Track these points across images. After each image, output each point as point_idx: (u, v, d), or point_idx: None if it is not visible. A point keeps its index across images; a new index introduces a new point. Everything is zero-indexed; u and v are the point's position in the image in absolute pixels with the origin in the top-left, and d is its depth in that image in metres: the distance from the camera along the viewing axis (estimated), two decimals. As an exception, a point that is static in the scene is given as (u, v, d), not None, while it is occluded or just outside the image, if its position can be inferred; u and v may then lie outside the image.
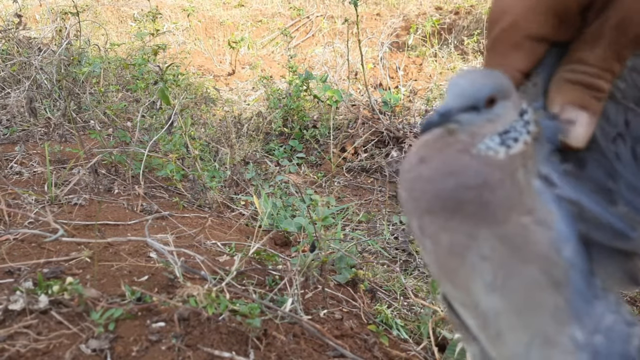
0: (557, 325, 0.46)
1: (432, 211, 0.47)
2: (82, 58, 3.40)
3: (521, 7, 0.47)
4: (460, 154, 0.46)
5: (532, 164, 0.47)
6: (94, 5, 6.07)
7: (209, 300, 1.16)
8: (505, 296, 0.47)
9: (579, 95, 0.47)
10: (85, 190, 1.91)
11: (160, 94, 2.13)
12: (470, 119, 0.46)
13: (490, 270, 0.47)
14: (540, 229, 0.46)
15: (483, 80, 0.46)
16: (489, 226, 0.46)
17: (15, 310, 1.08)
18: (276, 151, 3.17)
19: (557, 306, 0.46)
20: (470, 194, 0.46)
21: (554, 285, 0.46)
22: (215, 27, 6.21)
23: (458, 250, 0.47)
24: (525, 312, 0.47)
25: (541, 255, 0.45)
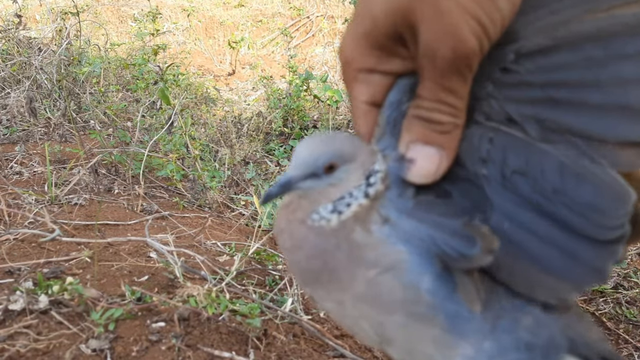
0: (444, 352, 0.47)
1: (305, 284, 0.51)
2: (82, 58, 3.40)
3: (349, 44, 0.48)
4: (300, 225, 0.49)
5: (376, 213, 0.48)
6: (94, 5, 6.07)
7: (209, 300, 1.16)
8: (391, 345, 0.49)
9: (421, 130, 0.46)
10: (85, 190, 1.91)
11: (160, 94, 2.13)
12: (311, 185, 0.48)
13: (369, 327, 0.49)
14: (388, 276, 0.47)
15: (321, 148, 0.48)
16: (346, 290, 0.48)
17: (15, 310, 1.08)
18: (276, 151, 3.17)
19: (434, 337, 0.47)
20: (317, 263, 0.48)
21: (423, 320, 0.47)
22: (215, 27, 6.21)
23: (341, 315, 0.50)
24: (413, 353, 0.49)
25: (398, 300, 0.47)
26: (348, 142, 0.49)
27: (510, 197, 0.45)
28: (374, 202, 0.48)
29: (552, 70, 0.44)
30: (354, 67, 0.49)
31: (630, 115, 0.42)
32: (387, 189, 0.49)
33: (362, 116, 0.51)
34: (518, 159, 0.45)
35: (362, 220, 0.48)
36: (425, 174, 0.47)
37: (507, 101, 0.46)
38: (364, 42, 0.48)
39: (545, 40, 0.44)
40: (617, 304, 1.83)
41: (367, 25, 0.47)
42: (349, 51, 0.49)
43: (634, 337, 1.68)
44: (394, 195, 0.49)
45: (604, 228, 0.43)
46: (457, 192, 0.48)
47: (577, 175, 0.43)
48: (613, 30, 0.43)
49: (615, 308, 1.81)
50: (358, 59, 0.49)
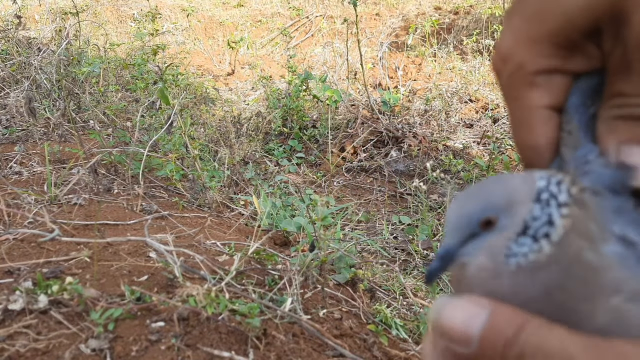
0: None
1: None
2: (82, 58, 3.40)
3: (522, 48, 0.45)
4: (496, 279, 0.41)
5: (598, 229, 0.41)
6: (93, 5, 6.07)
7: (209, 300, 1.16)
8: None
9: (633, 130, 0.42)
10: (85, 190, 1.91)
11: (160, 94, 2.13)
12: (476, 247, 0.42)
13: None
14: (635, 306, 0.40)
15: (470, 207, 0.43)
16: (583, 327, 0.40)
17: (15, 310, 1.08)
18: (276, 151, 3.17)
19: None
20: (540, 304, 0.40)
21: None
22: (215, 28, 6.21)
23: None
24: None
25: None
26: (498, 188, 0.44)
27: None
28: (587, 214, 0.42)
29: None
30: (530, 70, 0.45)
31: None
32: (599, 197, 0.42)
33: (543, 124, 0.47)
34: None
35: (585, 236, 0.41)
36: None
37: None
38: (548, 41, 0.44)
39: None
40: (616, 303, 1.83)
41: (557, 23, 0.43)
42: (522, 54, 0.45)
43: (633, 337, 1.68)
44: (616, 207, 0.42)
45: None
46: None
47: None
48: None
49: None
50: (536, 61, 0.45)
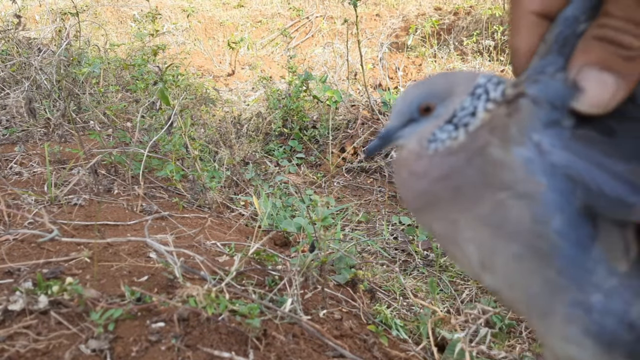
0: (551, 296, 0.46)
1: (418, 209, 0.51)
2: (82, 58, 3.40)
3: None
4: (418, 159, 0.49)
5: (519, 132, 0.45)
6: (93, 5, 6.07)
7: (209, 300, 1.16)
8: (497, 273, 0.47)
9: (602, 53, 0.41)
10: (85, 191, 1.91)
11: (159, 94, 2.13)
12: (411, 131, 0.50)
13: (476, 252, 0.48)
14: (520, 203, 0.45)
15: (414, 92, 0.50)
16: (466, 209, 0.47)
17: (15, 310, 1.08)
18: (276, 151, 3.17)
19: (546, 277, 0.45)
20: (440, 185, 0.48)
21: (540, 259, 0.45)
22: (215, 28, 6.21)
23: (449, 237, 0.49)
24: (517, 288, 0.47)
25: (522, 230, 0.45)
26: (441, 79, 0.50)
27: None
28: (512, 116, 0.45)
29: None
30: None
31: None
32: (536, 106, 0.45)
33: (527, 28, 0.46)
34: None
35: (500, 134, 0.45)
36: (597, 103, 0.42)
37: None
38: None
39: None
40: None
41: None
42: None
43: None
44: (548, 119, 0.45)
45: None
46: (624, 132, 0.43)
47: None
48: None
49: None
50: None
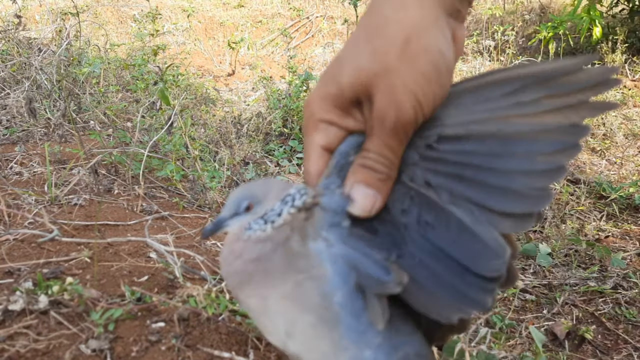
0: (337, 353, 0.60)
1: (236, 286, 0.63)
2: (82, 58, 3.40)
3: (315, 99, 0.62)
4: (237, 242, 0.63)
5: (313, 231, 0.61)
6: (94, 5, 6.07)
7: (209, 300, 1.16)
8: (298, 339, 0.61)
9: (364, 176, 0.60)
10: (85, 191, 1.91)
11: (160, 94, 2.13)
12: (235, 221, 0.65)
13: (282, 322, 0.61)
14: (313, 283, 0.60)
15: (241, 194, 0.65)
16: (274, 287, 0.60)
17: (15, 310, 1.08)
18: (276, 152, 3.17)
19: (333, 340, 0.60)
20: (252, 266, 0.61)
21: (329, 325, 0.59)
22: (215, 28, 6.21)
23: (261, 310, 0.62)
24: (313, 350, 0.61)
25: (314, 304, 0.59)
26: (261, 186, 0.66)
27: (421, 241, 0.59)
28: (309, 219, 0.61)
29: (463, 153, 0.58)
30: (317, 117, 0.63)
31: (512, 195, 0.56)
32: (324, 212, 0.62)
33: (316, 158, 0.65)
34: (429, 214, 0.59)
35: (299, 232, 0.61)
36: (364, 209, 0.60)
37: (428, 171, 0.60)
38: (330, 100, 0.61)
39: (461, 130, 0.59)
40: (616, 304, 1.83)
41: (334, 89, 0.60)
42: (314, 105, 0.62)
43: (634, 337, 1.68)
44: (332, 221, 0.61)
45: (486, 272, 0.55)
46: (383, 231, 0.61)
47: (471, 233, 0.56)
48: (508, 133, 0.57)
49: (614, 308, 1.81)
50: (321, 112, 0.62)
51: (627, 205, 2.61)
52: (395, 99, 0.56)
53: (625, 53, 4.91)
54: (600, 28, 4.90)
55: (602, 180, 2.80)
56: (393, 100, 0.56)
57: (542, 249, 2.11)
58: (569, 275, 1.97)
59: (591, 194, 2.68)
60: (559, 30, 5.00)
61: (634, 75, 4.77)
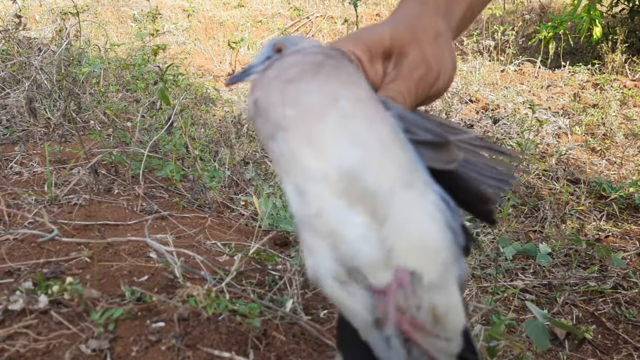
0: (411, 173, 0.57)
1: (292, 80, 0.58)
2: (82, 58, 3.40)
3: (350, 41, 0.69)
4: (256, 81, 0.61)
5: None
6: (94, 5, 6.07)
7: (209, 300, 1.16)
8: (367, 149, 0.55)
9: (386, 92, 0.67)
10: (85, 191, 1.91)
11: (160, 94, 2.13)
12: (261, 66, 0.63)
13: (351, 127, 0.55)
14: (381, 105, 0.60)
15: (272, 41, 0.65)
16: (349, 86, 0.57)
17: (15, 310, 1.08)
18: (276, 151, 3.17)
19: (406, 160, 0.57)
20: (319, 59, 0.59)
21: (401, 145, 0.58)
22: (215, 28, 6.21)
23: (322, 111, 0.55)
24: (385, 163, 0.56)
25: (389, 122, 0.58)
26: (294, 37, 0.66)
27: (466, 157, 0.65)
28: None
29: None
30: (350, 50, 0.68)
31: None
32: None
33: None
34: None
35: None
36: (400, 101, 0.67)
37: None
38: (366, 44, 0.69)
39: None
40: (616, 304, 1.83)
41: (374, 36, 0.69)
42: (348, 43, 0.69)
43: (633, 337, 1.68)
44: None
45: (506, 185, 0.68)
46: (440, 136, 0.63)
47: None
48: None
49: (614, 308, 1.81)
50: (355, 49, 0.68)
51: (627, 205, 2.61)
52: (426, 60, 0.67)
53: (625, 53, 4.91)
54: (600, 28, 4.90)
55: (602, 180, 2.80)
56: (425, 60, 0.67)
57: (542, 249, 2.11)
58: (569, 275, 1.97)
59: (591, 193, 2.68)
60: (559, 30, 5.00)
61: (634, 75, 4.77)
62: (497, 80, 4.68)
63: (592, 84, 4.59)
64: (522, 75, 5.00)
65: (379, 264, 0.55)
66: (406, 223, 0.55)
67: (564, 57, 5.22)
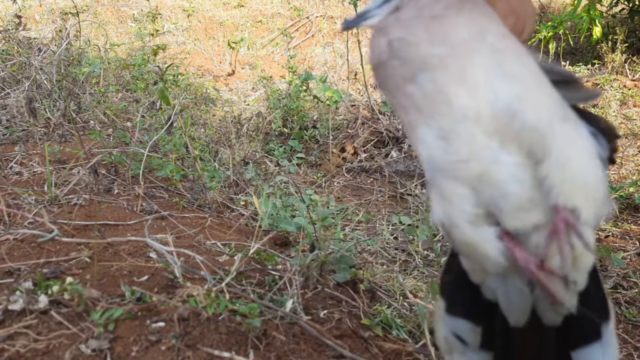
0: (563, 108, 0.57)
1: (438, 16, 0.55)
2: (82, 58, 3.40)
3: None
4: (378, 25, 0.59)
5: None
6: (93, 5, 6.07)
7: (209, 300, 1.16)
8: (522, 84, 0.54)
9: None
10: (85, 191, 1.91)
11: (160, 94, 2.13)
12: (385, 8, 0.57)
13: (501, 60, 0.53)
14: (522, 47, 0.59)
15: None
16: (492, 23, 0.55)
17: (15, 310, 1.08)
18: (276, 151, 3.17)
19: (557, 94, 0.57)
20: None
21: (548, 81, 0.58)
22: (215, 28, 6.21)
23: (470, 46, 0.53)
24: (542, 97, 0.55)
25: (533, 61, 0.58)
26: None
27: None
28: None
29: None
30: None
31: None
32: None
33: None
34: None
35: None
36: None
37: None
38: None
39: None
40: (616, 304, 1.83)
41: None
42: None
43: (633, 337, 1.68)
44: None
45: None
46: None
47: None
48: None
49: (614, 308, 1.81)
50: None
51: (627, 205, 2.61)
52: (514, 9, 0.66)
53: (625, 53, 4.91)
54: (600, 28, 4.89)
55: (602, 180, 2.80)
56: (513, 10, 0.66)
57: (542, 249, 2.11)
58: (569, 275, 1.97)
59: (591, 193, 2.68)
60: (559, 30, 5.00)
61: (634, 75, 4.77)
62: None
63: (592, 84, 4.59)
64: (522, 75, 5.00)
65: (529, 204, 0.54)
66: (569, 160, 0.54)
67: (564, 57, 5.21)
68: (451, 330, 0.64)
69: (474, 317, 0.63)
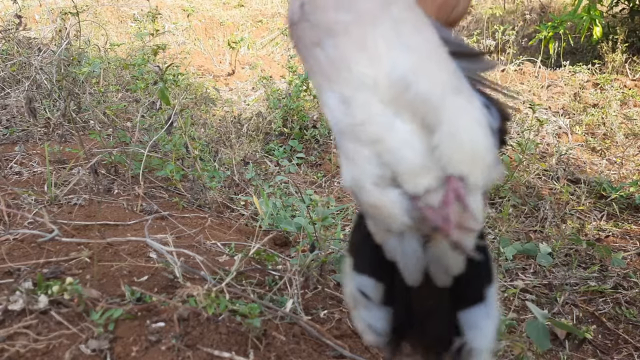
0: (458, 80, 0.59)
1: None
2: (82, 58, 3.40)
3: None
4: None
5: None
6: (93, 5, 6.07)
7: (209, 300, 1.16)
8: (419, 55, 0.56)
9: None
10: (85, 191, 1.91)
11: (160, 94, 2.13)
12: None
13: (402, 32, 0.56)
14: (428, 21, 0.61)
15: None
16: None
17: (15, 310, 1.08)
18: (276, 151, 3.16)
19: (453, 67, 0.59)
20: None
21: (446, 53, 0.59)
22: (215, 27, 6.21)
23: (374, 15, 0.55)
24: (436, 69, 0.57)
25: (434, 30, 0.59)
26: None
27: None
28: None
29: None
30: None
31: None
32: None
33: None
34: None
35: None
36: None
37: None
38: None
39: None
40: (616, 304, 1.83)
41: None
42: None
43: (634, 337, 1.68)
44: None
45: None
46: None
47: None
48: None
49: (614, 308, 1.81)
50: None
51: (628, 205, 2.61)
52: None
53: (625, 52, 4.91)
54: (600, 27, 4.89)
55: (602, 179, 2.80)
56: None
57: (543, 249, 2.11)
58: (569, 275, 1.97)
59: (591, 193, 2.68)
60: (559, 30, 5.00)
61: (634, 75, 4.77)
62: (498, 80, 4.68)
63: (593, 84, 4.59)
64: (523, 75, 5.00)
65: (421, 170, 0.57)
66: (458, 130, 0.57)
67: (564, 57, 5.22)
68: (357, 286, 0.69)
69: (377, 275, 0.69)
